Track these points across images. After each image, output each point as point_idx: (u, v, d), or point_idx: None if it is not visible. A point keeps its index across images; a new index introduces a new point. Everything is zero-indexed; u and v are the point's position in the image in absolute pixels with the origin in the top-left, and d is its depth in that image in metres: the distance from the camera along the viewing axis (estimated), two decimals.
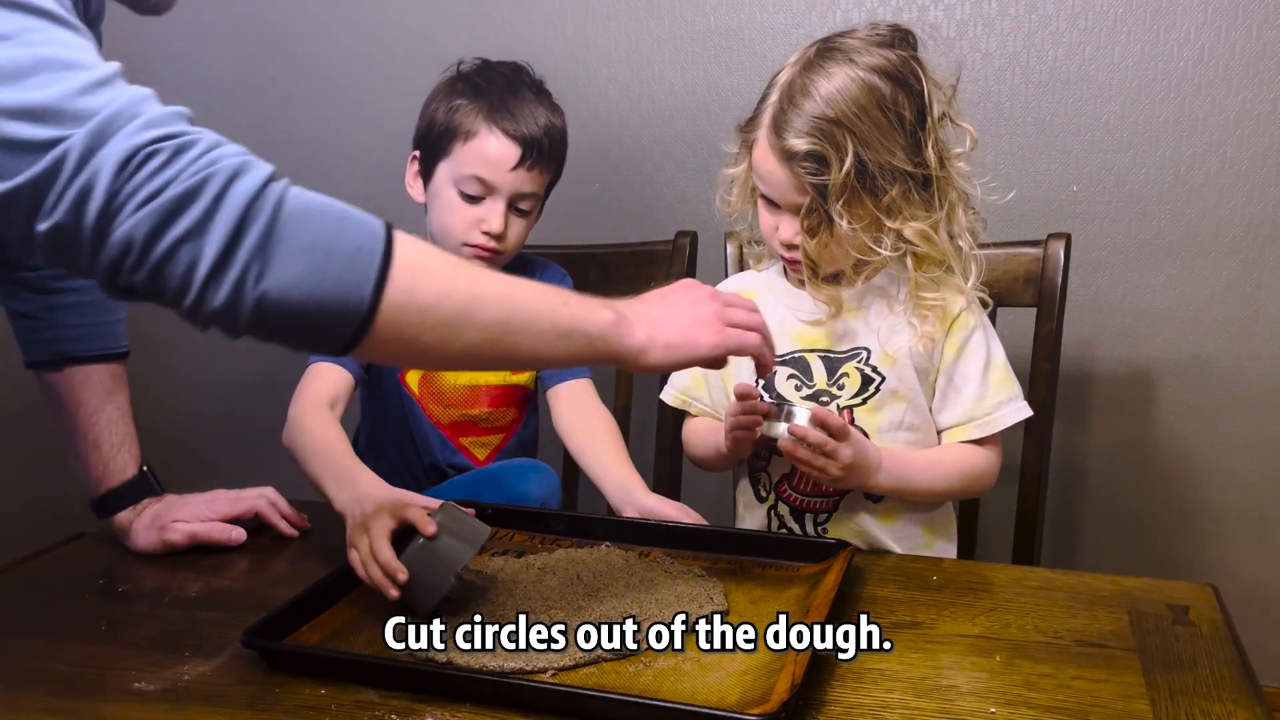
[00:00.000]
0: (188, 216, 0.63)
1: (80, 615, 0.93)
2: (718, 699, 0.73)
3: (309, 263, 0.66)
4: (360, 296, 0.67)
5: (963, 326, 1.09)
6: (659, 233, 1.51)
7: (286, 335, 0.68)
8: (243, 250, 0.64)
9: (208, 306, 0.65)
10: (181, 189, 0.63)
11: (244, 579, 1.02)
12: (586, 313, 0.79)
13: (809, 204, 1.02)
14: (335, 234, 0.67)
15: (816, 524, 1.11)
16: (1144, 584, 0.91)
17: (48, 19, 0.67)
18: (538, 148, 1.21)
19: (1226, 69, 1.53)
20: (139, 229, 0.63)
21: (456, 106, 1.22)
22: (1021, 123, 1.62)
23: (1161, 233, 1.60)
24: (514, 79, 1.25)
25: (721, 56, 1.73)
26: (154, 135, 0.64)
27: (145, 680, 0.80)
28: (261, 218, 0.65)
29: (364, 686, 0.77)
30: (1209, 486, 1.65)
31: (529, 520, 1.07)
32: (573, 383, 1.31)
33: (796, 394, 1.11)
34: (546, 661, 0.78)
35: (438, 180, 1.24)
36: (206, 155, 0.65)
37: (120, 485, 1.09)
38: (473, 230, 1.22)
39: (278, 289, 0.65)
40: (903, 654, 0.80)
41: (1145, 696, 0.73)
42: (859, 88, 1.00)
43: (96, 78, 0.65)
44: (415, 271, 0.70)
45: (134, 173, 0.63)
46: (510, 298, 0.75)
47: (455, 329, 0.72)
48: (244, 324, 0.66)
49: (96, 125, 0.63)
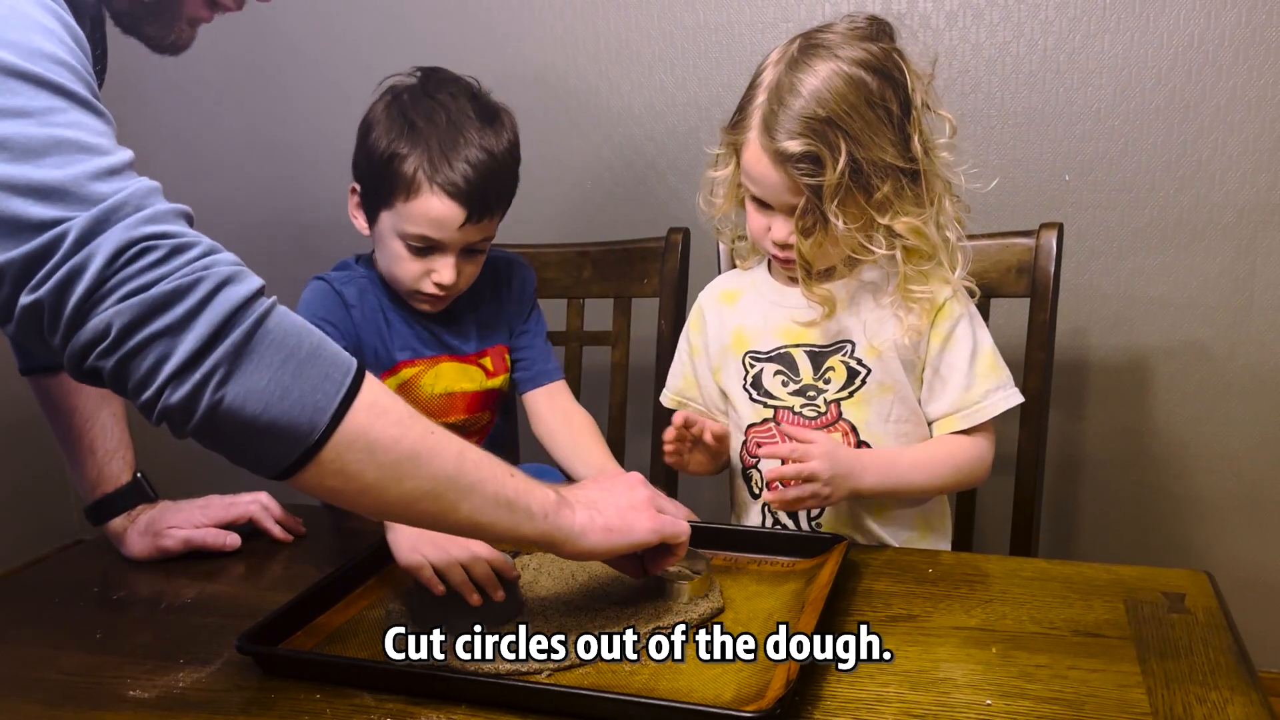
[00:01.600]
0: (171, 314, 0.64)
1: (75, 623, 0.93)
2: (714, 696, 0.73)
3: (275, 378, 0.66)
4: (316, 422, 0.67)
5: (948, 316, 1.08)
6: (651, 230, 1.51)
7: (233, 444, 0.68)
8: (214, 355, 0.65)
9: (164, 402, 0.65)
10: (171, 287, 0.65)
11: (239, 585, 1.02)
12: (531, 489, 0.78)
13: (804, 205, 1.01)
14: (307, 358, 0.68)
15: (810, 519, 1.11)
16: (1139, 572, 0.91)
17: (73, 101, 0.68)
18: (481, 201, 1.14)
19: (1216, 55, 1.53)
20: (119, 318, 0.64)
21: (395, 155, 1.13)
22: (1012, 112, 1.62)
23: (1154, 220, 1.60)
24: (454, 109, 1.16)
25: (711, 52, 1.73)
26: (153, 231, 0.65)
27: (140, 688, 0.80)
28: (241, 327, 0.66)
29: (359, 690, 0.77)
30: (1205, 473, 1.65)
31: None
32: (549, 386, 1.30)
33: (784, 389, 1.11)
34: (542, 662, 0.78)
35: (382, 227, 1.18)
36: (202, 259, 0.67)
37: (114, 491, 1.09)
38: (423, 280, 1.18)
39: (236, 397, 0.65)
40: (899, 647, 0.80)
41: (1141, 685, 0.73)
42: (846, 84, 0.99)
43: (110, 165, 0.67)
44: (374, 410, 0.70)
45: (127, 264, 0.64)
46: (461, 457, 0.75)
47: (399, 474, 0.71)
48: (194, 425, 0.66)
49: (100, 212, 0.64)
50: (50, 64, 0.67)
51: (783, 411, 1.11)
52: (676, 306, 1.44)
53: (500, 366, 1.31)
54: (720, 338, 1.16)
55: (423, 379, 1.25)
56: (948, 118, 1.06)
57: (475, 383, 1.29)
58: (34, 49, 0.67)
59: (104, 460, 1.09)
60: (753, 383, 1.12)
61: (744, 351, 1.13)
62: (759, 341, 1.13)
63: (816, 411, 1.09)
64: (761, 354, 1.12)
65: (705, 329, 1.19)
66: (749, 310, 1.15)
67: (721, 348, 1.16)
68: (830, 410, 1.09)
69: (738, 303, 1.17)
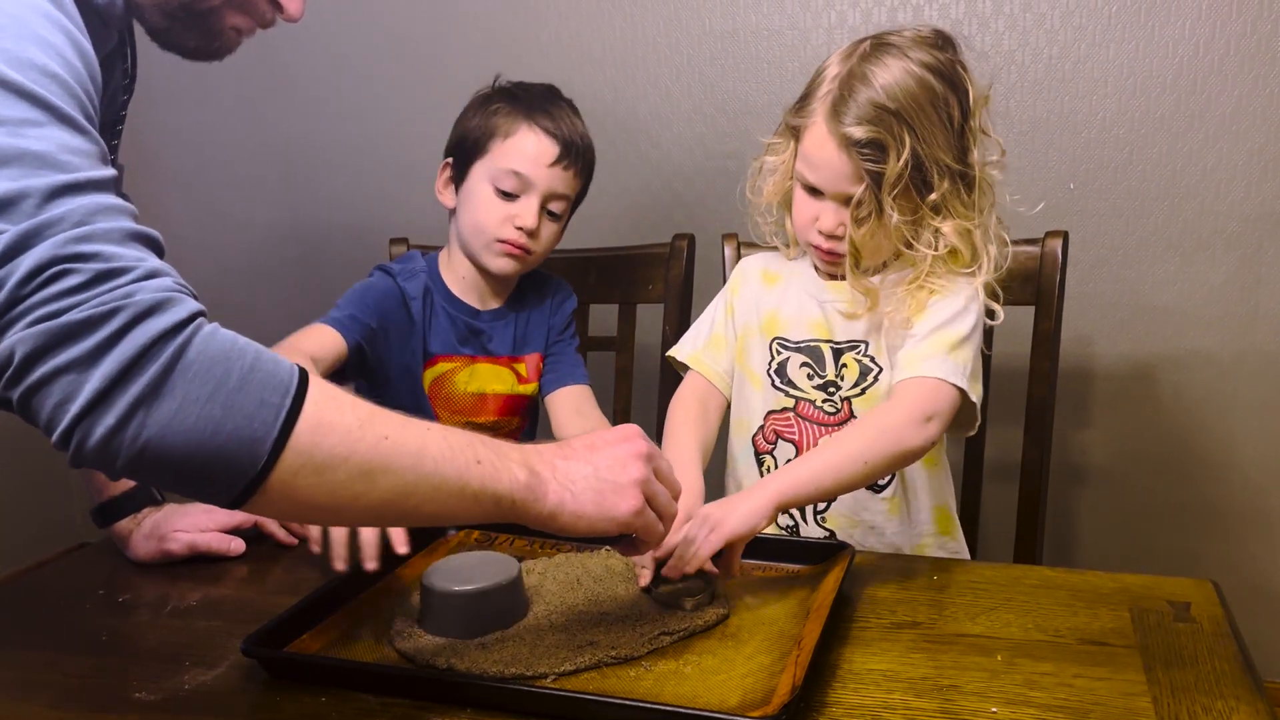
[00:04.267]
0: (77, 347, 0.59)
1: (81, 626, 0.93)
2: (719, 702, 0.73)
3: (203, 413, 0.61)
4: (255, 455, 0.62)
5: (939, 294, 1.06)
6: (656, 236, 1.51)
7: (169, 482, 0.64)
8: (126, 395, 0.59)
9: (76, 444, 0.60)
10: (81, 316, 0.59)
11: (243, 588, 1.02)
12: (499, 473, 0.72)
13: (861, 193, 1.02)
14: (238, 385, 0.62)
15: (817, 512, 1.12)
16: (1145, 581, 0.91)
17: (53, 115, 0.65)
18: (574, 149, 1.25)
19: (1221, 64, 1.53)
20: (22, 345, 0.59)
21: (495, 110, 1.26)
22: (1018, 121, 1.62)
23: (1159, 229, 1.60)
24: (549, 93, 1.29)
25: (717, 59, 1.73)
26: (81, 251, 0.60)
27: (146, 690, 0.80)
28: (160, 359, 0.60)
29: (364, 694, 0.77)
30: (1210, 481, 1.64)
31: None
32: (572, 388, 1.32)
33: (808, 382, 1.12)
34: (547, 666, 0.78)
35: (472, 180, 1.26)
36: (125, 287, 0.61)
37: (120, 494, 1.09)
38: (506, 226, 1.24)
39: (161, 439, 0.60)
40: (904, 654, 0.80)
41: (1147, 694, 0.73)
42: (915, 81, 1.01)
43: (70, 181, 0.62)
44: (319, 431, 0.65)
45: (41, 286, 0.59)
46: (419, 458, 0.69)
47: (353, 492, 0.67)
48: (120, 469, 0.61)
49: (31, 226, 0.60)
50: (39, 76, 0.65)
51: (803, 403, 1.11)
52: (681, 312, 1.44)
53: (534, 374, 1.34)
54: (754, 314, 1.17)
55: (457, 375, 1.30)
56: (998, 141, 1.09)
57: (507, 386, 1.32)
58: (24, 59, 0.65)
59: None
60: (777, 370, 1.13)
61: (773, 336, 1.14)
62: (790, 330, 1.13)
63: (835, 408, 1.10)
64: (790, 343, 1.13)
65: (743, 296, 1.19)
66: (786, 297, 1.16)
67: (747, 325, 1.16)
68: (844, 408, 1.10)
69: (775, 286, 1.17)
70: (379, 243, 1.56)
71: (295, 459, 0.64)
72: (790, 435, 1.12)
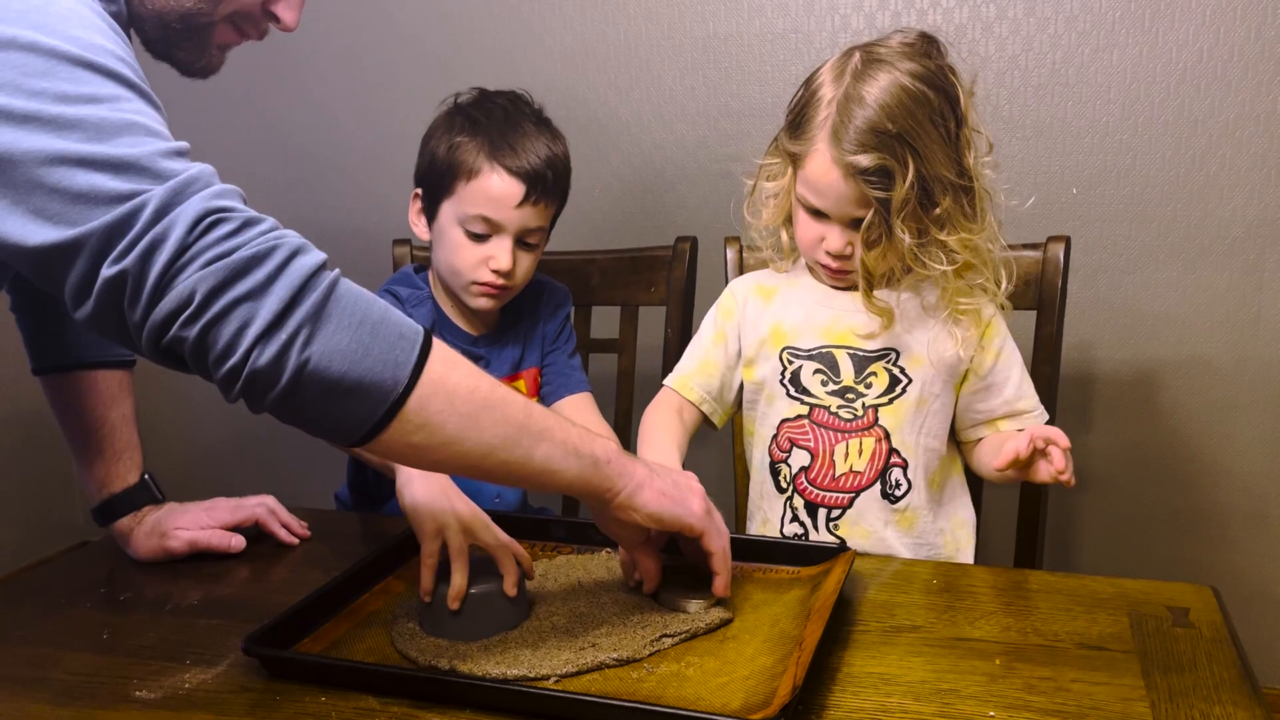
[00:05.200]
0: (251, 278, 0.67)
1: (82, 623, 0.94)
2: (720, 704, 0.73)
3: (355, 338, 0.69)
4: (399, 376, 0.70)
5: (996, 334, 1.12)
6: (659, 238, 1.51)
7: (317, 409, 0.69)
8: (295, 316, 0.67)
9: (251, 365, 0.67)
10: (250, 252, 0.67)
11: (245, 587, 1.03)
12: (592, 438, 0.81)
13: (870, 218, 1.03)
14: (380, 319, 0.71)
15: (829, 519, 1.11)
16: (1144, 586, 0.91)
17: (137, 93, 0.72)
18: (541, 182, 1.19)
19: (1225, 70, 1.53)
20: (203, 283, 0.66)
21: (457, 144, 1.20)
22: (1020, 125, 1.62)
23: (1162, 234, 1.60)
24: (513, 110, 1.23)
25: (721, 61, 1.74)
26: (224, 204, 0.69)
27: (147, 689, 0.80)
28: (318, 290, 0.69)
29: (365, 694, 0.77)
30: (1211, 487, 1.65)
31: (530, 528, 1.07)
32: (575, 397, 1.31)
33: (822, 389, 1.11)
34: (550, 668, 0.79)
35: (442, 219, 1.22)
36: (273, 231, 0.70)
37: (122, 491, 1.09)
38: (480, 269, 1.21)
39: (322, 356, 0.68)
40: (902, 658, 0.80)
41: (1145, 699, 0.73)
42: (913, 100, 1.01)
43: (175, 148, 0.71)
44: (448, 364, 0.73)
45: (205, 233, 0.67)
46: (529, 407, 0.77)
47: (477, 423, 0.73)
48: (280, 389, 0.67)
49: (177, 184, 0.67)
50: (112, 58, 0.71)
51: (818, 410, 1.11)
52: (683, 314, 1.44)
53: (533, 389, 1.32)
54: (756, 331, 1.17)
55: None
56: (986, 135, 1.08)
57: None
58: (95, 44, 0.70)
59: (112, 460, 1.09)
60: (790, 378, 1.13)
61: (782, 347, 1.14)
62: (799, 338, 1.14)
63: (853, 414, 1.10)
64: (801, 351, 1.13)
65: (738, 320, 1.19)
66: (788, 306, 1.16)
67: (758, 340, 1.16)
68: (867, 414, 1.10)
69: (774, 298, 1.18)
70: (382, 244, 1.56)
71: (430, 385, 0.71)
72: (805, 442, 1.12)
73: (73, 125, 0.67)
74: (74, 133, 0.67)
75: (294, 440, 1.34)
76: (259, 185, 1.97)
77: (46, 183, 0.66)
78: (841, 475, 1.10)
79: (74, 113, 0.67)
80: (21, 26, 0.68)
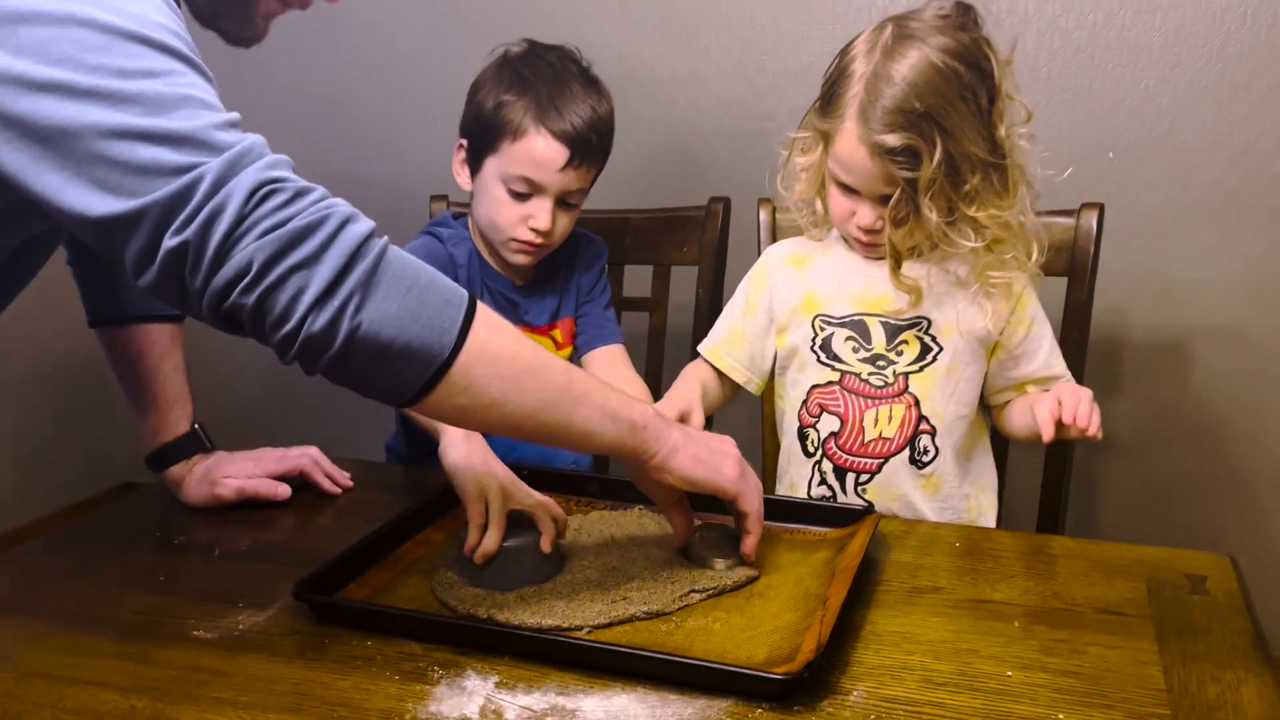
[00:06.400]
0: (305, 247, 0.70)
1: (139, 565, 0.98)
2: (746, 658, 0.77)
3: (403, 304, 0.72)
4: (445, 341, 0.73)
5: (1027, 306, 1.13)
6: (692, 197, 1.52)
7: (367, 371, 0.73)
8: (348, 283, 0.70)
9: (307, 330, 0.70)
10: (304, 223, 0.70)
11: (291, 534, 1.07)
12: (630, 402, 0.84)
13: (898, 196, 1.04)
14: (427, 285, 0.74)
15: (858, 484, 1.14)
16: (1163, 554, 0.93)
17: (191, 66, 0.75)
18: (585, 146, 1.21)
19: (1270, 34, 1.51)
20: (260, 252, 0.69)
21: (504, 103, 1.21)
22: (1059, 89, 1.61)
23: (1199, 200, 1.59)
24: (561, 69, 1.24)
25: (757, 19, 1.73)
26: (277, 175, 0.71)
27: (203, 628, 0.85)
28: (368, 258, 0.72)
29: (407, 640, 0.81)
30: (1240, 455, 1.65)
31: (565, 483, 1.10)
32: (609, 348, 1.34)
33: (854, 355, 1.14)
34: (582, 619, 0.82)
35: (485, 174, 1.25)
36: (324, 201, 0.73)
37: (173, 440, 1.14)
38: (520, 226, 1.23)
39: (372, 322, 0.71)
40: (924, 618, 0.83)
41: (1158, 662, 0.75)
42: (940, 75, 1.01)
43: (229, 119, 0.73)
44: (491, 328, 0.76)
45: (260, 203, 0.70)
46: (568, 372, 0.81)
47: (520, 386, 0.77)
48: (333, 353, 0.71)
49: (232, 156, 0.70)
50: (166, 33, 0.73)
51: (849, 376, 1.14)
52: (715, 274, 1.46)
53: (568, 339, 1.35)
54: (789, 299, 1.19)
55: None
56: (1024, 104, 1.08)
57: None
58: (151, 20, 0.73)
59: (164, 410, 1.14)
60: (821, 345, 1.15)
61: (814, 314, 1.16)
62: (831, 306, 1.15)
63: (884, 381, 1.12)
64: (834, 319, 1.15)
65: (769, 289, 1.21)
66: (821, 275, 1.18)
67: (790, 309, 1.18)
68: (898, 381, 1.12)
69: (807, 267, 1.19)
70: (420, 199, 1.58)
71: (475, 350, 0.74)
72: (835, 408, 1.14)
73: (131, 100, 0.69)
74: (133, 107, 0.69)
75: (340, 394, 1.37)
76: (297, 140, 1.99)
77: (107, 155, 0.68)
78: (871, 441, 1.12)
79: (132, 87, 0.69)
80: (79, 3, 0.70)
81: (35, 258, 0.97)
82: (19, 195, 0.71)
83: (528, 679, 0.75)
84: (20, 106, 0.68)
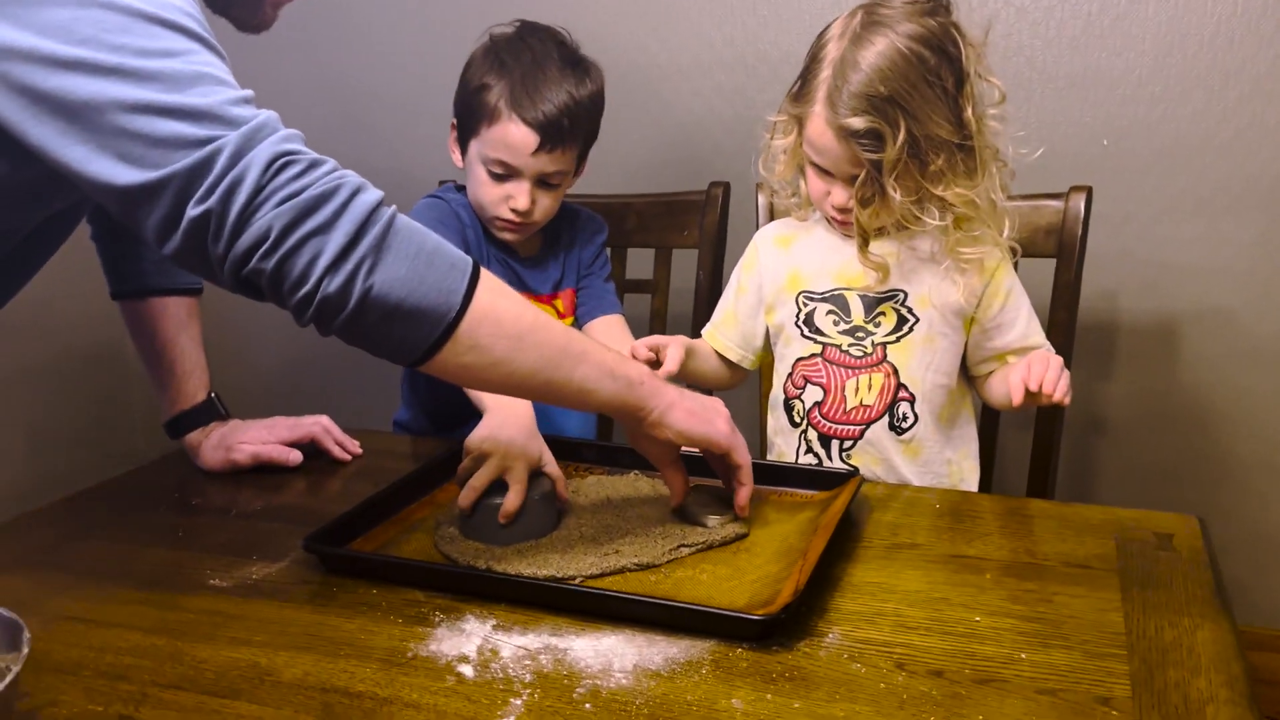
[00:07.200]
0: (320, 214, 0.74)
1: (158, 525, 1.04)
2: (728, 602, 0.81)
3: (411, 268, 0.76)
4: (451, 302, 0.78)
5: (1002, 280, 1.17)
6: (694, 183, 1.56)
7: (378, 332, 0.77)
8: (360, 248, 0.75)
9: (322, 293, 0.75)
10: (318, 191, 0.75)
11: (302, 496, 1.12)
12: (626, 360, 0.90)
13: (863, 177, 1.08)
14: (434, 250, 0.79)
15: (842, 450, 1.18)
16: (1134, 515, 0.97)
17: (205, 45, 0.79)
18: (556, 131, 1.24)
19: (1259, 24, 1.54)
20: (279, 220, 0.74)
21: (483, 86, 1.26)
22: (1054, 76, 1.64)
23: (1190, 186, 1.62)
24: (541, 52, 1.27)
25: (759, 9, 1.77)
26: (292, 148, 0.76)
27: (219, 578, 0.90)
28: (378, 225, 0.76)
29: (411, 588, 0.86)
30: (1228, 437, 1.68)
31: (563, 449, 1.14)
32: (608, 317, 1.39)
33: (834, 328, 1.18)
34: (576, 569, 0.87)
35: (470, 155, 1.30)
36: (336, 172, 0.77)
37: (191, 408, 1.19)
38: (501, 205, 1.29)
39: (383, 284, 0.75)
40: (900, 570, 0.87)
41: (1120, 609, 0.79)
42: (905, 61, 1.04)
43: (243, 95, 0.78)
44: (495, 292, 0.81)
45: (277, 173, 0.74)
46: (568, 333, 0.86)
47: (522, 345, 0.81)
48: (347, 314, 0.75)
49: (249, 130, 0.75)
50: (181, 14, 0.78)
51: (830, 348, 1.18)
52: (715, 258, 1.50)
53: (569, 309, 1.40)
54: (775, 279, 1.24)
55: None
56: (998, 85, 1.11)
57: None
58: (167, 3, 0.77)
59: (182, 379, 1.19)
60: (804, 319, 1.19)
61: (798, 291, 1.21)
62: (814, 283, 1.20)
63: (863, 351, 1.17)
64: (815, 294, 1.20)
65: (758, 269, 1.26)
66: (804, 254, 1.23)
67: (776, 288, 1.23)
68: (876, 351, 1.16)
69: (792, 246, 1.24)
70: (427, 184, 1.63)
71: (480, 311, 0.79)
72: (818, 379, 1.18)
73: (152, 77, 0.74)
74: (154, 84, 0.74)
75: (349, 370, 1.42)
76: (306, 126, 2.04)
77: (130, 129, 0.73)
78: (852, 409, 1.17)
79: (153, 65, 0.74)
80: None
81: (56, 234, 1.02)
82: (47, 168, 0.75)
83: (523, 622, 0.80)
84: (48, 83, 0.73)
